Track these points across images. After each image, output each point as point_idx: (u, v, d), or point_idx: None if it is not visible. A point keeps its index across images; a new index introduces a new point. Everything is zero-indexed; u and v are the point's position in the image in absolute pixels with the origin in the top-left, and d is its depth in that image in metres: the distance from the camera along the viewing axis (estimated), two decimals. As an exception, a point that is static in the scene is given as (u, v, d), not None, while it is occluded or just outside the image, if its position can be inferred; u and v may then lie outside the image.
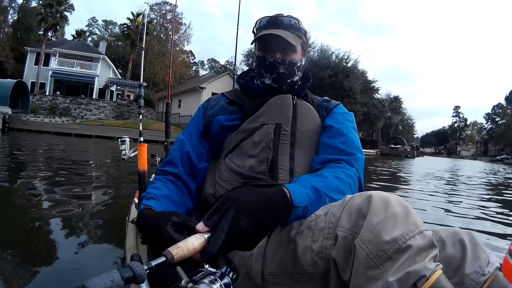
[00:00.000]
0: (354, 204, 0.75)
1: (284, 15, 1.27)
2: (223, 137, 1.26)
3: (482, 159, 76.72)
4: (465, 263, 0.76)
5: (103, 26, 64.30)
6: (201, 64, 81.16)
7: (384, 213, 0.70)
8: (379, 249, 0.66)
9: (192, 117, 1.38)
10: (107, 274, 0.61)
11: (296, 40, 1.23)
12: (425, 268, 0.64)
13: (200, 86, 34.73)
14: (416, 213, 0.71)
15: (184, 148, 1.26)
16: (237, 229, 0.73)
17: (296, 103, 1.25)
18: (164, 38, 48.49)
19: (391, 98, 69.89)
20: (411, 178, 11.95)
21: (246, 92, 1.35)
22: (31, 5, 42.69)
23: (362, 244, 0.68)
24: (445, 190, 7.97)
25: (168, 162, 1.26)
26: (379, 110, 51.04)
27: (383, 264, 0.66)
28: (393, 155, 44.93)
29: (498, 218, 4.85)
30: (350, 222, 0.73)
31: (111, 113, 31.71)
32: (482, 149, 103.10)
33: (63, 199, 4.19)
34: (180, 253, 0.71)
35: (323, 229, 0.80)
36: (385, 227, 0.68)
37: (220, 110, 1.30)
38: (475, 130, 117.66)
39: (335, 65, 39.80)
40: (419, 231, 0.67)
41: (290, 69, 1.25)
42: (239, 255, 0.99)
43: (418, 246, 0.65)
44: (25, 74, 32.96)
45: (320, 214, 0.84)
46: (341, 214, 0.77)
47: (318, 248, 0.79)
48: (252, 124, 1.22)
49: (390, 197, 0.73)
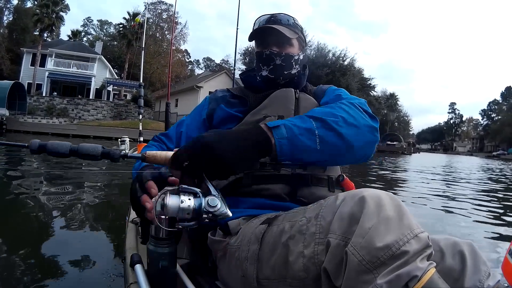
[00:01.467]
0: (347, 208, 0.74)
1: (281, 13, 1.33)
2: (224, 127, 1.27)
3: (478, 155, 77.35)
4: (464, 275, 0.74)
5: (98, 26, 64.10)
6: (197, 63, 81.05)
7: (377, 217, 0.68)
8: (371, 256, 0.65)
9: (198, 104, 1.43)
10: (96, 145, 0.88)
11: (291, 34, 1.27)
12: (416, 268, 0.62)
13: (197, 85, 34.67)
14: (410, 214, 0.70)
15: (181, 128, 1.33)
16: (202, 137, 0.82)
17: (298, 96, 1.28)
18: (160, 37, 48.32)
19: (387, 95, 70.17)
20: (410, 175, 12.02)
21: (249, 87, 1.40)
22: (26, 6, 42.54)
23: (354, 250, 0.67)
24: (444, 189, 7.99)
25: (165, 134, 1.36)
26: (375, 108, 51.17)
27: (376, 269, 0.64)
28: (390, 151, 44.99)
29: (498, 217, 4.82)
30: (342, 227, 0.72)
31: (108, 113, 31.54)
32: (478, 145, 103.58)
33: (63, 200, 4.22)
34: (154, 154, 0.86)
35: (314, 234, 0.79)
36: (378, 232, 0.66)
37: (224, 101, 1.34)
38: (471, 126, 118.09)
39: (332, 63, 40.02)
40: (413, 235, 0.65)
41: (286, 61, 1.29)
42: (235, 257, 0.97)
43: (413, 251, 0.64)
44: (21, 75, 32.70)
45: (310, 216, 0.83)
46: (333, 219, 0.76)
47: (310, 253, 0.78)
48: (255, 117, 1.23)
49: (384, 198, 0.71)
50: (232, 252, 0.99)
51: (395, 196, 0.73)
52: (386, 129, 67.97)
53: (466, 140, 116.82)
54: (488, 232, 3.89)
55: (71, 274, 2.17)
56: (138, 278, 0.88)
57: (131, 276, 1.00)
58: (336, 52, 43.13)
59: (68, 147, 0.86)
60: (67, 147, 0.86)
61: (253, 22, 1.38)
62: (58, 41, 39.10)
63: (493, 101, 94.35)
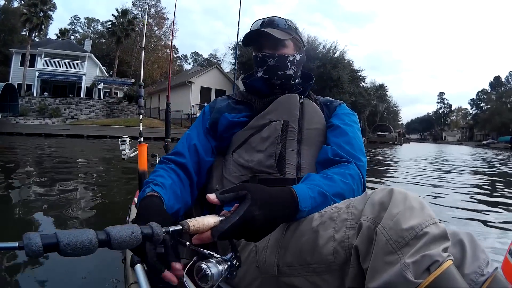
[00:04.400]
0: (377, 197, 0.80)
1: (275, 17, 1.36)
2: (230, 134, 1.30)
3: (468, 144, 77.70)
4: (464, 263, 0.77)
5: (85, 24, 63.38)
6: (185, 58, 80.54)
7: (403, 205, 0.75)
8: (398, 236, 0.71)
9: (198, 116, 1.42)
10: (129, 226, 0.67)
11: (283, 35, 1.29)
12: (438, 254, 0.68)
13: (189, 80, 34.61)
14: (430, 208, 0.77)
15: (192, 141, 1.30)
16: (251, 216, 0.79)
17: (303, 102, 1.31)
18: (147, 33, 47.92)
19: (376, 86, 70.27)
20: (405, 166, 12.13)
21: (252, 91, 1.40)
22: (13, 5, 41.88)
23: (383, 230, 0.73)
24: (441, 182, 7.98)
25: (174, 153, 1.29)
26: (365, 99, 51.32)
27: (400, 250, 0.70)
28: (381, 142, 45.26)
29: (498, 215, 4.65)
30: (373, 212, 0.78)
31: (101, 111, 31.27)
32: (467, 134, 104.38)
33: (62, 200, 4.22)
34: (196, 225, 0.76)
35: (346, 220, 0.84)
36: (404, 217, 0.73)
37: (227, 108, 1.34)
38: (460, 115, 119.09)
39: (322, 56, 39.97)
40: (433, 222, 0.73)
41: (280, 62, 1.30)
42: (250, 250, 1.02)
43: (433, 234, 0.70)
44: (11, 76, 32.27)
45: (341, 207, 0.89)
46: (364, 207, 0.81)
47: (341, 237, 0.82)
48: (260, 121, 1.26)
49: (408, 193, 0.79)
50: (244, 245, 1.04)
51: (416, 194, 0.81)
52: (376, 120, 68.20)
53: (455, 129, 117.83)
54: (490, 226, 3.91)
55: (71, 274, 2.17)
56: (138, 278, 0.91)
57: (131, 276, 1.04)
58: (326, 44, 43.23)
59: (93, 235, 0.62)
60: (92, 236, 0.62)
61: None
62: (47, 41, 38.64)
63: (481, 90, 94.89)
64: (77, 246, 0.59)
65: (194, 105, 32.26)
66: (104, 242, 0.63)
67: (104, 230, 0.64)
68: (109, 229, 0.64)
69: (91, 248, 0.61)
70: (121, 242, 0.64)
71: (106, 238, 0.63)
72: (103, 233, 0.63)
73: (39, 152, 12.24)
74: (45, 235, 0.57)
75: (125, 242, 0.64)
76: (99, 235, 0.62)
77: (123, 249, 0.66)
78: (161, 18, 48.88)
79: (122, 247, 0.65)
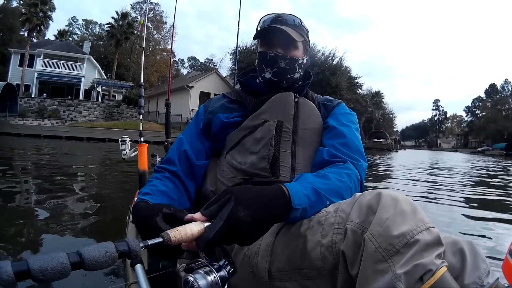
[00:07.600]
0: (365, 200, 0.78)
1: (288, 14, 1.29)
2: (224, 134, 1.26)
3: (463, 151, 78.41)
4: (464, 273, 0.74)
5: (83, 26, 63.25)
6: (181, 62, 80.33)
7: (393, 210, 0.72)
8: (388, 243, 0.68)
9: (193, 117, 1.38)
10: (103, 245, 0.63)
11: (297, 36, 1.24)
12: (431, 262, 0.65)
13: (188, 85, 34.59)
14: (423, 212, 0.74)
15: (182, 146, 1.26)
16: (235, 218, 0.74)
17: (298, 101, 1.26)
18: (146, 36, 47.95)
19: (372, 93, 70.64)
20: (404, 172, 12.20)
21: (247, 90, 1.35)
22: (12, 5, 41.73)
23: (372, 237, 0.70)
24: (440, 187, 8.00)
25: (166, 161, 1.27)
26: (362, 106, 51.64)
27: (391, 258, 0.68)
28: (377, 149, 45.56)
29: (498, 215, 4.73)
30: (360, 217, 0.75)
31: (100, 114, 31.18)
32: (462, 141, 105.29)
33: (62, 200, 4.23)
34: (178, 236, 0.71)
35: (333, 224, 0.81)
36: (394, 222, 0.70)
37: (221, 108, 1.31)
38: (455, 123, 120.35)
39: (321, 63, 40.26)
40: (426, 228, 0.70)
41: (291, 65, 1.25)
42: (244, 253, 0.99)
43: (425, 241, 0.68)
44: (9, 76, 32.13)
45: (330, 210, 0.86)
46: (351, 210, 0.79)
47: (328, 242, 0.80)
48: (254, 121, 1.22)
49: (399, 196, 0.76)
50: (239, 249, 1.02)
51: (408, 197, 0.77)
52: (371, 127, 68.50)
53: (450, 136, 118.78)
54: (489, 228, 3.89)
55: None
56: (139, 278, 0.89)
57: (131, 276, 1.03)
58: (325, 51, 43.63)
59: (65, 259, 0.59)
60: (64, 260, 0.58)
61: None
62: (46, 41, 38.48)
63: (477, 98, 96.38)
64: (49, 271, 0.56)
65: (193, 109, 32.17)
66: (77, 264, 0.59)
67: (77, 252, 0.60)
68: (82, 250, 0.61)
69: (64, 272, 0.57)
70: (95, 262, 0.60)
71: (79, 260, 0.60)
72: (75, 255, 0.60)
73: (39, 151, 12.07)
74: (15, 263, 0.54)
75: (99, 262, 0.61)
76: (71, 257, 0.59)
77: (99, 269, 0.62)
78: (160, 22, 49.03)
79: (97, 268, 0.61)
